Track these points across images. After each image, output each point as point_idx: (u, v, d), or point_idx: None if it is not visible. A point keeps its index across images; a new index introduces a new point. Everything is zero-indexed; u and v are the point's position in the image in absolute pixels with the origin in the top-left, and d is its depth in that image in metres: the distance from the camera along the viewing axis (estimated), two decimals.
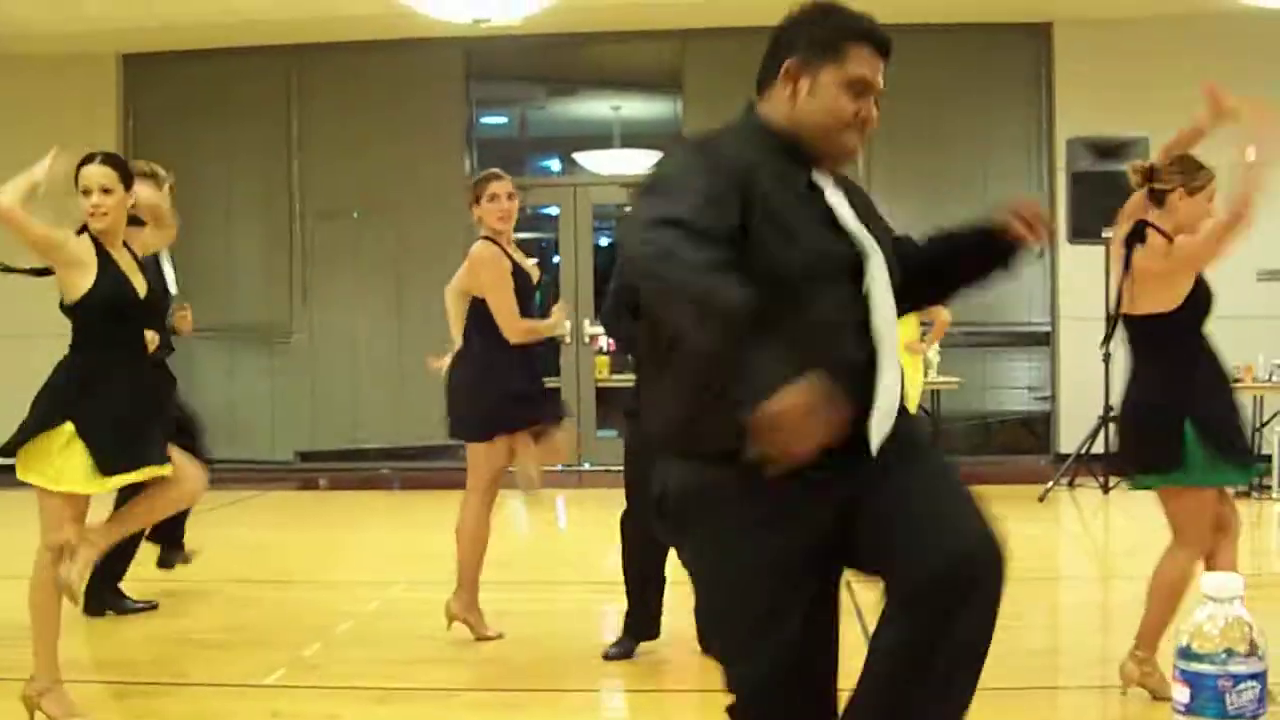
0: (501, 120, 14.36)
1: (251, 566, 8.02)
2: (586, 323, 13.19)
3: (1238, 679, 2.17)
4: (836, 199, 3.04)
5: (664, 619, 5.92)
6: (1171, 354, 5.00)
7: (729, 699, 2.97)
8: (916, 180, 13.03)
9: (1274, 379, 11.22)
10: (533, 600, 6.74)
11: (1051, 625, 6.91)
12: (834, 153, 3.09)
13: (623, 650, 5.86)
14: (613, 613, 7.32)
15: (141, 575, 6.80)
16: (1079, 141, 11.16)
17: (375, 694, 5.44)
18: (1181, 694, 2.20)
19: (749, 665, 2.93)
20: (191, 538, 7.03)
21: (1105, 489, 10.65)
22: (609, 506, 11.60)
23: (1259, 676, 2.19)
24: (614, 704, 5.69)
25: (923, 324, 10.62)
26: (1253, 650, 2.19)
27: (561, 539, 9.99)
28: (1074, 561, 8.95)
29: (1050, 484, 10.79)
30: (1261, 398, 11.48)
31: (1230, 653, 2.17)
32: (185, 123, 13.54)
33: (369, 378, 13.42)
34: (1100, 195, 9.61)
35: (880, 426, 2.86)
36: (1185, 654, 2.20)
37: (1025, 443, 13.16)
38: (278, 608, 7.05)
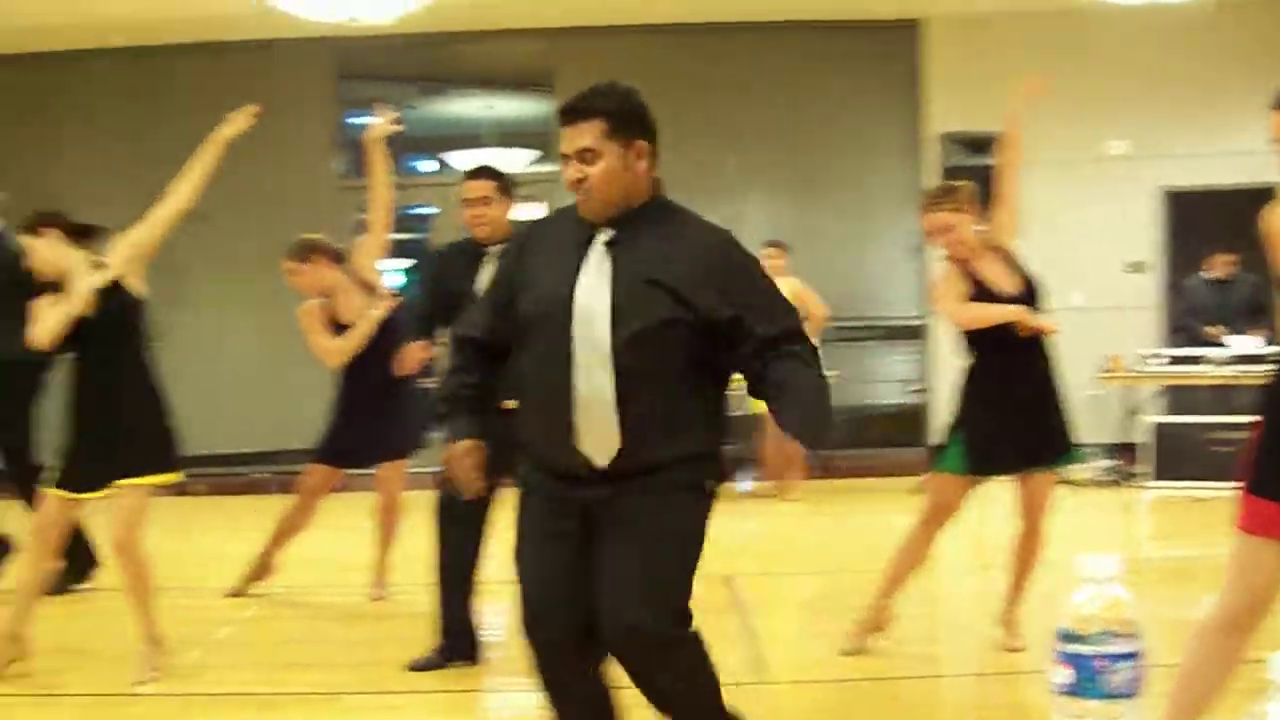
0: (372, 120, 14.24)
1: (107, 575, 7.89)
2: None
3: (1116, 659, 2.19)
4: (596, 258, 3.57)
5: None
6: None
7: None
8: (791, 180, 13.13)
9: (1140, 369, 11.42)
10: (414, 602, 6.70)
11: (930, 615, 6.98)
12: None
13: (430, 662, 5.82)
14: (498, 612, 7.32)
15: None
16: (950, 137, 11.30)
17: (258, 699, 5.38)
18: (1063, 675, 2.22)
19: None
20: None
21: None
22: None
23: (1136, 656, 2.21)
24: (500, 702, 5.66)
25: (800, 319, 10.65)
26: (1130, 630, 2.21)
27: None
28: (949, 551, 9.04)
29: (924, 476, 10.89)
30: (1129, 388, 11.70)
31: (1108, 633, 2.20)
32: (48, 129, 13.29)
33: (240, 382, 13.26)
34: None
35: (596, 446, 3.51)
36: (1065, 636, 2.22)
37: (899, 435, 13.29)
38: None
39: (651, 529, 3.56)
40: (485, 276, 5.30)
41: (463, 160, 14.00)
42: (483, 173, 6.05)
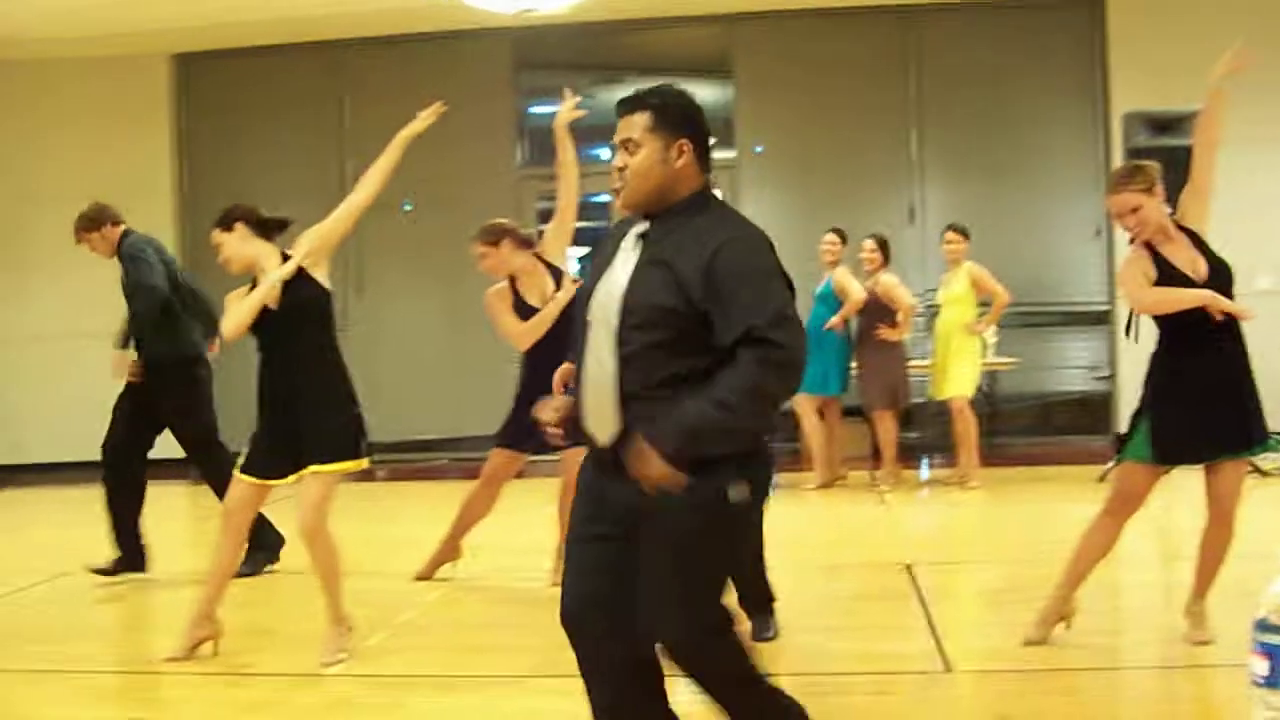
0: (551, 110, 14.34)
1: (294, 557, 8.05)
2: None
3: None
4: (628, 247, 3.69)
5: None
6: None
7: None
8: (973, 163, 12.93)
9: None
10: None
11: (1114, 607, 6.85)
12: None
13: None
14: None
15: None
16: (1134, 116, 11.04)
17: (438, 681, 5.46)
18: (1260, 666, 2.16)
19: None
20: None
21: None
22: None
23: None
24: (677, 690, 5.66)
25: (981, 304, 10.54)
26: None
27: None
28: (1135, 542, 8.86)
29: (1110, 464, 10.68)
30: None
31: None
32: (237, 121, 13.63)
33: (424, 369, 13.45)
34: None
35: (599, 425, 3.64)
36: (1264, 627, 2.16)
37: (1084, 423, 13.04)
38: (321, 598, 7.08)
39: (674, 543, 3.57)
40: None
41: None
42: None
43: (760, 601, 5.94)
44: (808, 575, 7.82)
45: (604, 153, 14.38)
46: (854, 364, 10.75)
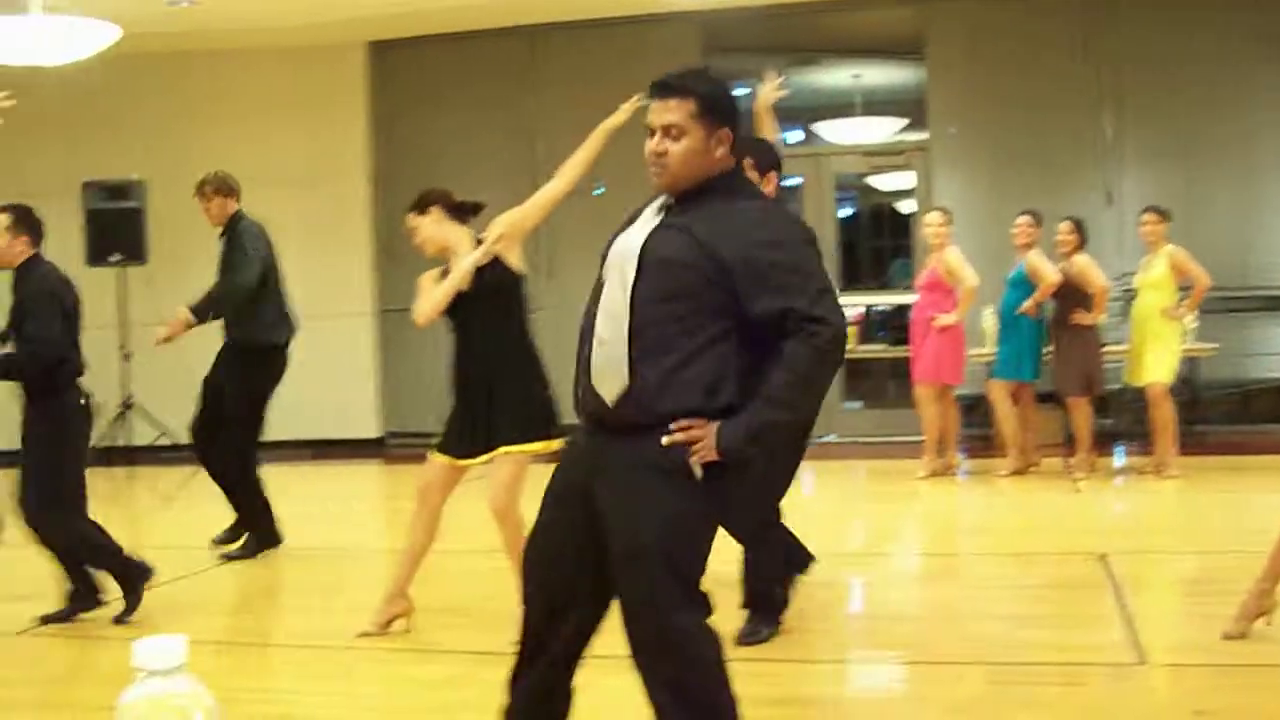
0: (741, 92, 14.33)
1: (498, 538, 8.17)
2: None
3: None
4: (646, 223, 3.70)
5: None
6: None
7: None
8: (1172, 145, 12.61)
9: None
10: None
11: None
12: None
13: None
14: (858, 585, 7.32)
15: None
16: None
17: (609, 663, 5.50)
18: None
19: None
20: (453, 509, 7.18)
21: None
22: (853, 479, 11.60)
23: None
24: (877, 675, 5.65)
25: (1181, 289, 10.30)
26: None
27: (804, 511, 9.94)
28: None
29: None
30: None
31: None
32: (431, 106, 13.85)
33: None
34: None
35: (608, 382, 3.55)
36: None
37: None
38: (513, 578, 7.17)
39: (642, 507, 3.50)
40: None
41: (832, 130, 13.96)
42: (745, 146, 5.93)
43: (765, 602, 5.86)
44: (998, 562, 7.75)
45: (793, 135, 14.36)
46: (1048, 349, 10.59)
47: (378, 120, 14.05)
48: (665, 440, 3.46)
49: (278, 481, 8.42)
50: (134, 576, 6.41)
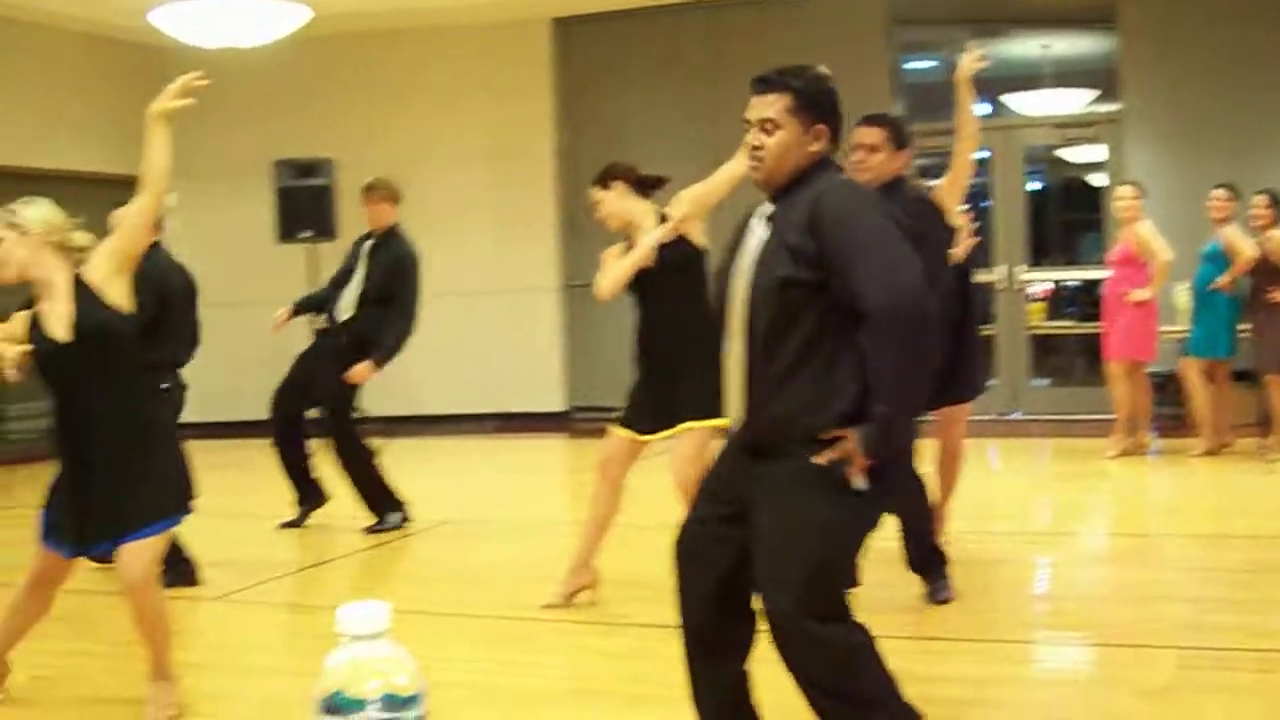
0: (928, 64, 14.18)
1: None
2: (1020, 269, 12.94)
3: None
4: (756, 229, 3.71)
5: None
6: None
7: None
8: None
9: None
10: (962, 549, 6.66)
11: None
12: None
13: None
14: (1044, 564, 7.22)
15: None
16: None
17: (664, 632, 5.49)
18: None
19: None
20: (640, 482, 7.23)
21: None
22: (1040, 457, 11.43)
23: None
24: (1063, 655, 5.57)
25: None
26: None
27: (993, 489, 9.84)
28: None
29: None
30: None
31: None
32: (614, 83, 13.91)
33: None
34: None
35: (733, 405, 3.74)
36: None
37: None
38: None
39: (785, 515, 3.54)
40: None
41: (1019, 102, 13.73)
42: (876, 120, 5.92)
43: (932, 563, 6.08)
44: (1189, 544, 7.58)
45: (982, 108, 14.15)
46: (1244, 326, 10.32)
47: (562, 97, 14.15)
48: (816, 459, 3.48)
49: (462, 454, 8.55)
50: None
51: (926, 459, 7.18)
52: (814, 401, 3.51)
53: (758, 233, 3.68)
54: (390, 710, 1.66)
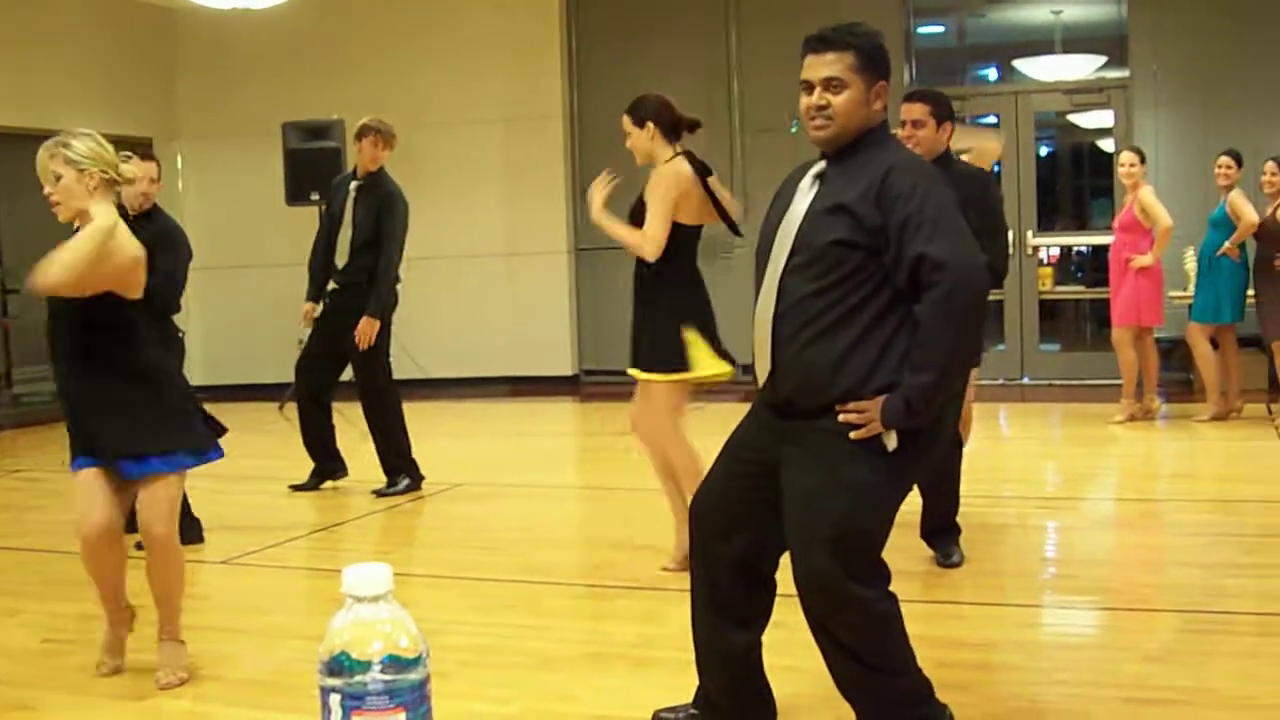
0: (939, 29, 14.11)
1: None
2: (1030, 234, 12.93)
3: None
4: (805, 188, 3.67)
5: None
6: None
7: None
8: None
9: None
10: (971, 514, 6.67)
11: None
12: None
13: None
14: (1052, 529, 7.23)
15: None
16: None
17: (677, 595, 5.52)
18: None
19: None
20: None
21: None
22: (1048, 422, 11.43)
23: None
24: (1070, 619, 5.59)
25: None
26: None
27: (1002, 454, 9.85)
28: None
29: None
30: None
31: None
32: (627, 43, 13.86)
33: None
34: None
35: (760, 364, 3.66)
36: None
37: None
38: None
39: (818, 475, 3.54)
40: None
41: (1029, 67, 13.69)
42: (920, 95, 6.01)
43: (944, 527, 6.13)
44: (1197, 509, 7.59)
45: (991, 73, 14.12)
46: (1252, 292, 10.32)
47: (574, 58, 14.12)
48: (844, 417, 3.49)
49: (472, 418, 8.55)
50: None
51: None
52: (850, 367, 3.50)
53: (807, 192, 3.66)
54: (393, 672, 1.68)
